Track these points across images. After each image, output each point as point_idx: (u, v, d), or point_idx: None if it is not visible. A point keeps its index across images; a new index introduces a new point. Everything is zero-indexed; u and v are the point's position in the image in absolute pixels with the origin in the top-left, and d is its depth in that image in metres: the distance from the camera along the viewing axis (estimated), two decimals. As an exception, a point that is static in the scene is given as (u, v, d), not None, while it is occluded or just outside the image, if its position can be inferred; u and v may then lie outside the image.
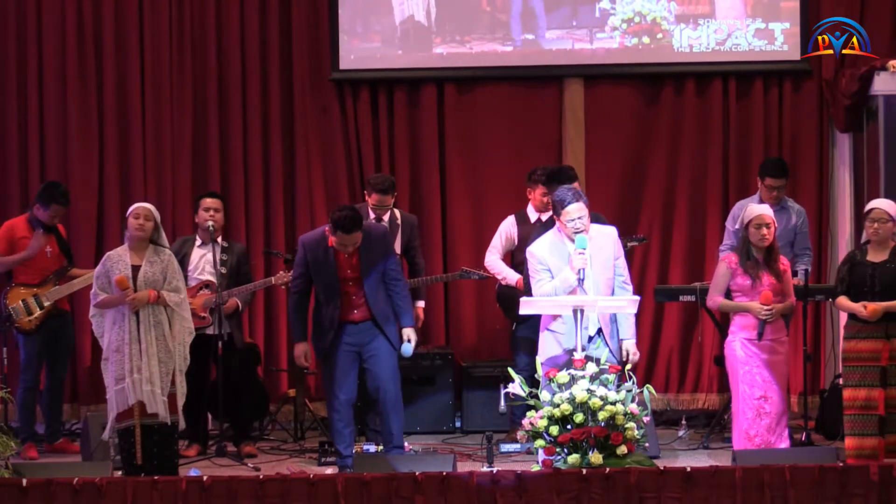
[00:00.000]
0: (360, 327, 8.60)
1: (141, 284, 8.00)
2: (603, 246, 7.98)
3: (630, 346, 7.99)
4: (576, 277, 7.77)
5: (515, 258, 9.52)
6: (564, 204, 7.88)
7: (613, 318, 8.00)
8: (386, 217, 9.50)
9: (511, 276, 9.42)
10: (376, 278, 8.59)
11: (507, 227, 9.55)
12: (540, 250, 8.02)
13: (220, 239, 9.43)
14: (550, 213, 9.32)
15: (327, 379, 8.73)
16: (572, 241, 7.83)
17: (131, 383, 7.92)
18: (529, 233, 9.11)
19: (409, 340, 8.63)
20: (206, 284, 9.24)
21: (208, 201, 9.43)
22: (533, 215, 9.48)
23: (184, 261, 9.28)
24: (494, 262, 9.55)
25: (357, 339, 8.59)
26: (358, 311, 8.59)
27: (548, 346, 7.94)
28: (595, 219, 8.91)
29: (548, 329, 7.96)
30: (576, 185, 9.00)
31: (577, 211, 7.84)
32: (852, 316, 8.28)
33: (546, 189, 9.24)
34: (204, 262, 9.33)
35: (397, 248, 9.45)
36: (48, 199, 9.46)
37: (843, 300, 8.29)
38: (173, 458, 8.15)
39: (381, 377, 8.61)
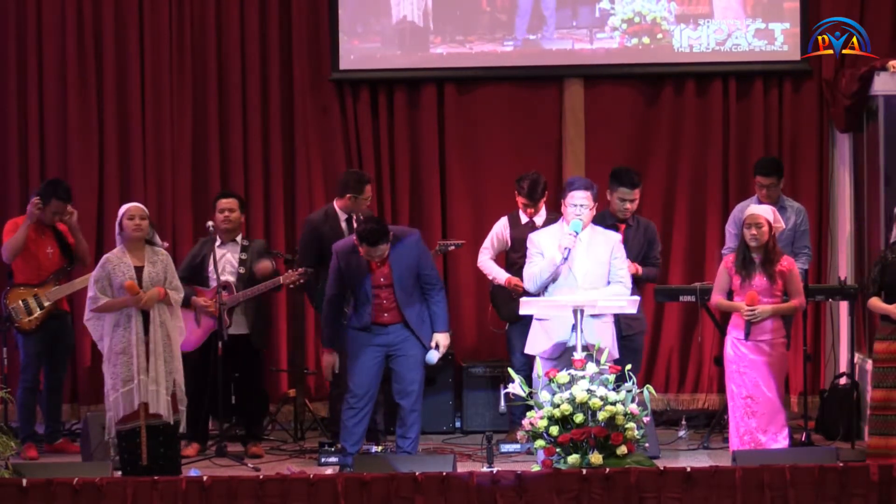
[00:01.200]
0: (388, 329, 8.58)
1: (147, 285, 7.99)
2: (600, 243, 8.06)
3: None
4: (561, 256, 7.82)
5: (509, 258, 9.53)
6: (572, 187, 8.06)
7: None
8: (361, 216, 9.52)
9: (501, 276, 9.42)
10: (410, 284, 8.58)
11: (500, 229, 9.56)
12: (539, 236, 8.19)
13: (239, 238, 9.41)
14: (542, 214, 9.41)
15: (347, 373, 8.73)
16: None
17: (139, 384, 7.90)
18: (522, 234, 9.14)
19: (436, 347, 8.60)
20: (224, 286, 9.21)
21: (223, 202, 9.44)
22: (524, 217, 9.50)
23: (204, 262, 9.28)
24: (486, 262, 9.57)
25: (385, 340, 8.59)
26: (388, 314, 8.58)
27: (536, 338, 7.99)
28: (646, 225, 9.02)
29: (536, 319, 8.00)
30: (636, 192, 9.03)
31: (580, 198, 7.98)
32: (884, 317, 8.24)
33: (527, 200, 9.39)
34: (224, 261, 9.34)
35: None
36: (48, 195, 9.45)
37: (876, 301, 8.24)
38: (176, 457, 8.17)
39: (405, 379, 8.60)
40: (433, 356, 8.61)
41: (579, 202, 7.97)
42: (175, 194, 10.57)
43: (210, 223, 9.30)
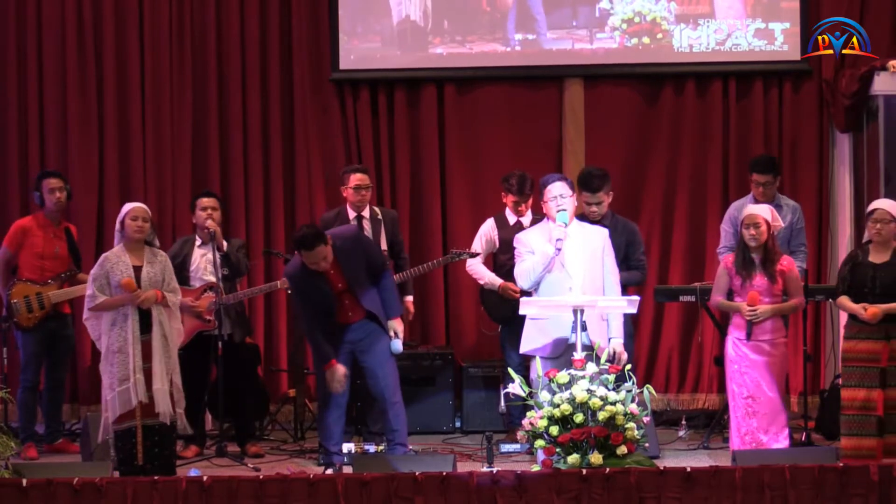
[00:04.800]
0: (352, 326, 8.63)
1: (145, 285, 8.00)
2: (591, 236, 8.09)
3: (617, 345, 8.02)
4: (554, 248, 7.83)
5: (497, 260, 9.53)
6: (546, 184, 8.13)
7: (603, 316, 8.04)
8: (366, 213, 9.49)
9: (494, 281, 9.40)
10: (365, 279, 8.62)
11: (487, 230, 9.56)
12: (527, 236, 8.24)
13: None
14: (528, 215, 9.41)
15: (321, 379, 8.75)
16: None
17: (135, 383, 7.91)
18: (510, 235, 9.10)
19: (396, 335, 8.64)
20: (211, 286, 9.21)
21: (204, 201, 9.40)
22: (511, 218, 9.50)
23: (185, 262, 9.28)
24: (476, 265, 9.55)
25: (350, 337, 8.63)
26: (353, 312, 8.63)
27: (531, 337, 7.98)
28: (624, 225, 9.01)
29: (530, 318, 8.00)
30: (600, 195, 8.99)
31: (558, 189, 8.05)
32: (853, 316, 8.27)
33: (517, 197, 9.41)
34: (205, 261, 9.31)
35: (382, 244, 9.46)
36: (38, 179, 9.50)
37: (844, 300, 8.29)
38: (172, 457, 8.16)
39: (377, 373, 8.62)
40: (397, 345, 8.63)
41: (558, 192, 8.06)
42: (175, 194, 10.57)
43: (210, 226, 9.27)
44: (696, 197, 10.61)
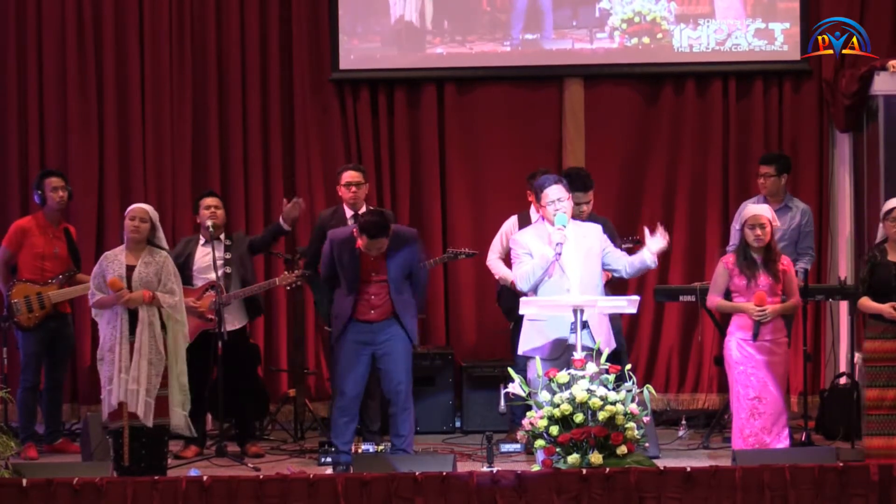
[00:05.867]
0: (373, 326, 8.62)
1: (136, 285, 7.99)
2: (586, 235, 8.07)
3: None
4: (553, 252, 7.83)
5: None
6: (544, 188, 8.04)
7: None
8: (363, 211, 9.48)
9: (504, 276, 9.41)
10: (402, 279, 8.63)
11: (509, 228, 9.54)
12: (523, 237, 8.19)
13: (222, 237, 9.43)
14: None
15: (334, 373, 8.76)
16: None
17: (119, 383, 7.91)
18: None
19: None
20: (213, 286, 9.21)
21: (208, 200, 9.44)
22: (535, 216, 9.48)
23: (188, 261, 9.29)
24: (494, 262, 9.55)
25: (369, 338, 8.61)
26: (375, 311, 8.61)
27: (529, 337, 7.99)
28: (604, 222, 9.00)
29: (528, 320, 8.00)
30: (590, 195, 9.01)
31: (556, 192, 7.99)
32: (875, 316, 8.25)
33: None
34: (208, 260, 9.32)
35: None
36: (40, 179, 9.52)
37: (866, 301, 8.25)
38: (162, 460, 8.13)
39: (394, 378, 8.62)
40: None
41: (556, 196, 8.00)
42: (175, 194, 10.58)
43: (210, 221, 9.29)
44: (696, 197, 10.61)
